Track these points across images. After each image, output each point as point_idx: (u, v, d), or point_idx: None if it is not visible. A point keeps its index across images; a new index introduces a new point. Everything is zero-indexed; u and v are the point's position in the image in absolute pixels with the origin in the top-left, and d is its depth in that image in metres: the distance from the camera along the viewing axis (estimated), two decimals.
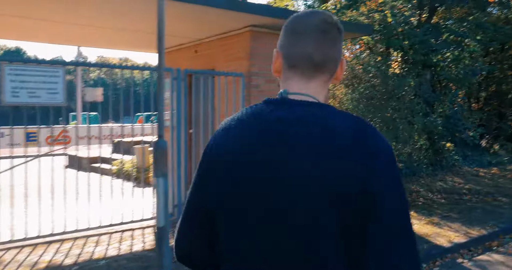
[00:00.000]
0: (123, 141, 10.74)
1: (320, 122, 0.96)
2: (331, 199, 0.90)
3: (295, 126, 0.97)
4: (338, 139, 0.93)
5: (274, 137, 0.98)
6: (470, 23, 11.82)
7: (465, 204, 7.35)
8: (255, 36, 6.76)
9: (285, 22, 1.18)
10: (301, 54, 1.07)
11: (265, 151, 0.98)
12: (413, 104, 10.20)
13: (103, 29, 6.80)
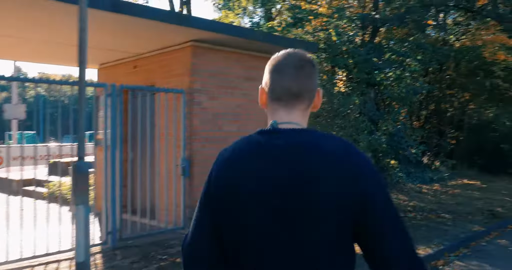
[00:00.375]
0: (61, 161, 10.00)
1: (315, 146, 1.15)
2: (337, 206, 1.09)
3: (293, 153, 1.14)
4: (330, 156, 1.13)
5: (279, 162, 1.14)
6: (411, 44, 12.19)
7: (410, 222, 7.30)
8: (196, 51, 6.46)
9: (268, 62, 1.36)
10: (282, 88, 1.25)
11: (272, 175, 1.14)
12: (358, 122, 10.25)
13: (23, 40, 6.26)
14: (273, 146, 1.17)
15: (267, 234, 1.13)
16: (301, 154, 1.13)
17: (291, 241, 1.11)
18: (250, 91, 7.26)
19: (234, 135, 7.00)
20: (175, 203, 6.45)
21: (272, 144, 1.17)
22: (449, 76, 16.01)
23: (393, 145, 10.87)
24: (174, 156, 6.43)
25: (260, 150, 1.18)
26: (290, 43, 7.17)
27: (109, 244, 5.79)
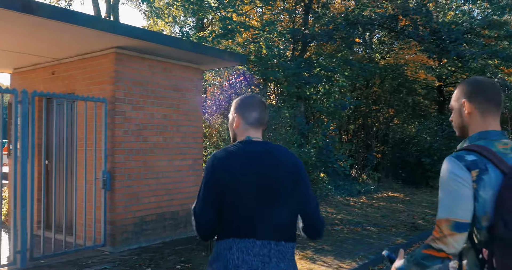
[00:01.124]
0: None
1: (274, 149, 2.05)
2: (296, 186, 2.01)
3: (268, 152, 2.03)
4: (284, 155, 2.05)
5: (264, 159, 2.01)
6: (339, 60, 12.57)
7: (338, 235, 7.38)
8: (120, 58, 6.15)
9: (238, 101, 2.17)
10: (254, 118, 2.11)
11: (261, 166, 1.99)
12: (288, 135, 10.33)
13: None
14: (252, 150, 2.04)
15: (253, 199, 1.97)
16: (268, 153, 2.04)
17: (267, 200, 1.97)
18: (177, 101, 7.04)
19: (160, 147, 6.73)
20: (94, 218, 6.03)
21: (251, 149, 2.05)
22: (375, 92, 16.74)
23: (322, 159, 11.07)
24: (94, 169, 6.03)
25: (245, 152, 2.03)
26: (219, 54, 7.08)
27: (17, 265, 5.26)
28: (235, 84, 12.39)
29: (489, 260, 1.61)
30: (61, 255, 5.70)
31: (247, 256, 1.95)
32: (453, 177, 1.67)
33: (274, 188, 1.98)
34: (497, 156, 1.66)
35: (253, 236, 1.97)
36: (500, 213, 1.57)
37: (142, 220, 6.40)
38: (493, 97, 1.77)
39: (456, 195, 1.65)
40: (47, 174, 7.09)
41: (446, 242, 1.65)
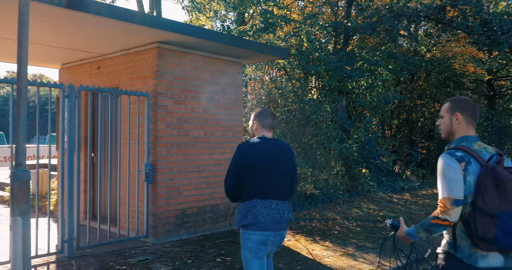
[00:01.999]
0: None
1: (281, 144, 3.31)
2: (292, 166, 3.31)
3: (277, 145, 3.27)
4: (287, 148, 3.33)
5: (274, 149, 3.22)
6: (382, 53, 12.23)
7: (380, 233, 7.21)
8: (162, 53, 6.23)
9: (257, 112, 3.39)
10: (268, 123, 3.32)
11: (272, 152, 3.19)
12: (330, 130, 10.17)
13: None
14: (266, 143, 3.21)
15: (268, 174, 3.11)
16: (276, 146, 3.24)
17: (276, 175, 3.15)
18: (218, 95, 7.06)
19: (201, 140, 6.78)
20: (137, 210, 6.16)
21: (266, 142, 3.22)
22: (420, 86, 16.20)
23: (364, 154, 10.84)
24: (137, 161, 6.16)
25: (262, 144, 3.19)
26: (260, 48, 7.03)
27: (65, 253, 5.46)
28: (275, 78, 12.32)
29: (472, 225, 2.31)
30: (106, 245, 5.86)
31: (269, 210, 3.13)
32: (449, 167, 2.35)
33: (281, 168, 3.21)
34: (476, 153, 2.39)
35: (270, 198, 3.14)
36: (480, 191, 2.28)
37: (183, 212, 6.49)
38: (475, 113, 2.56)
39: (453, 180, 2.33)
40: (93, 166, 7.31)
41: (449, 213, 2.31)
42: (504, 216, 2.26)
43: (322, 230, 7.29)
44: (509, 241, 2.25)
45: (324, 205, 9.38)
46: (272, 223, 3.10)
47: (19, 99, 2.67)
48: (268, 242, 3.14)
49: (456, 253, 2.39)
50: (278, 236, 3.18)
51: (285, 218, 3.18)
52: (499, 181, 2.28)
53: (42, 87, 5.17)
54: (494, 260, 2.33)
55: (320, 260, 5.50)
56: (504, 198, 2.28)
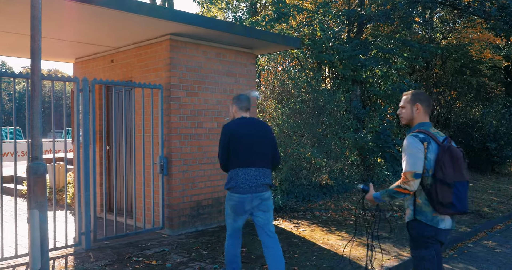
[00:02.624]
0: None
1: (257, 121, 4.10)
2: (270, 138, 4.05)
3: (254, 122, 4.06)
4: (263, 124, 4.11)
5: (252, 125, 4.01)
6: (397, 40, 12.03)
7: (396, 222, 7.15)
8: (174, 45, 6.21)
9: (235, 97, 4.19)
10: (245, 106, 4.14)
11: (251, 129, 3.98)
12: (344, 120, 10.08)
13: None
14: (246, 122, 4.02)
15: (248, 146, 3.90)
16: (255, 123, 4.04)
17: (256, 146, 3.92)
18: (231, 87, 7.04)
19: (215, 132, 6.77)
20: (153, 202, 6.21)
21: (246, 121, 4.03)
22: (436, 74, 15.94)
23: (379, 143, 10.73)
24: (152, 154, 6.19)
25: (242, 123, 3.99)
26: (272, 38, 6.96)
27: (82, 245, 5.54)
28: (289, 68, 12.24)
29: (433, 194, 2.91)
30: (122, 237, 5.92)
31: (248, 176, 3.88)
32: (414, 147, 2.95)
33: (259, 140, 3.96)
34: (434, 135, 3.00)
35: (250, 166, 3.90)
36: (439, 165, 2.88)
37: (199, 204, 6.51)
38: (430, 104, 3.20)
39: (416, 157, 2.92)
40: (108, 159, 7.37)
41: (410, 184, 2.92)
42: (458, 185, 2.87)
43: (338, 221, 7.26)
44: (462, 206, 2.88)
45: (339, 195, 9.33)
46: (249, 187, 3.86)
47: (33, 92, 2.68)
48: (245, 203, 3.88)
49: (421, 218, 2.99)
50: (257, 198, 3.89)
51: (261, 182, 3.90)
52: (454, 157, 2.89)
53: (57, 81, 5.19)
54: (448, 223, 2.98)
55: (336, 250, 5.48)
56: (458, 170, 2.89)
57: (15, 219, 4.95)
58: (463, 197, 2.89)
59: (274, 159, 4.09)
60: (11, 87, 62.59)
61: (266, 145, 3.98)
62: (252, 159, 3.88)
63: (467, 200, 2.92)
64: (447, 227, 2.97)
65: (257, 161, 3.90)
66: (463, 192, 2.89)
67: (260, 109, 9.76)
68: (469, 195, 10.04)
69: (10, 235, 6.03)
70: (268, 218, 3.99)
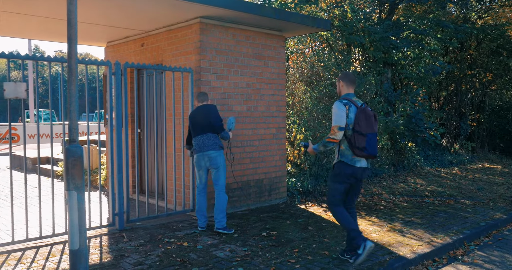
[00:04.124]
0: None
1: (207, 106, 5.58)
2: (208, 117, 5.49)
3: (203, 108, 5.56)
4: (208, 107, 5.57)
5: (200, 110, 5.56)
6: (430, 21, 11.64)
7: (428, 208, 7.03)
8: (205, 28, 6.19)
9: (196, 94, 5.99)
10: (201, 99, 5.73)
11: (198, 112, 5.55)
12: (375, 103, 9.90)
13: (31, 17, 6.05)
14: (198, 108, 5.58)
15: (198, 124, 5.50)
16: (204, 108, 5.52)
17: (204, 123, 5.46)
18: (261, 70, 6.99)
19: (245, 115, 6.77)
20: (183, 184, 6.28)
21: (198, 107, 5.59)
22: (471, 56, 15.39)
23: (411, 127, 10.51)
24: (182, 137, 6.24)
25: (197, 109, 5.58)
26: (302, 20, 6.84)
27: (116, 226, 5.68)
28: (318, 51, 12.05)
29: (352, 141, 4.10)
30: (154, 218, 6.04)
31: (198, 142, 5.48)
32: (338, 108, 4.12)
33: (200, 119, 5.46)
34: (354, 101, 4.20)
35: (197, 135, 5.49)
36: (357, 121, 4.07)
37: (228, 187, 6.56)
38: (352, 79, 4.37)
39: (339, 115, 4.10)
40: (140, 142, 7.48)
41: (336, 135, 4.11)
42: (369, 135, 4.08)
43: (368, 205, 7.20)
44: (372, 150, 4.10)
45: (369, 180, 9.24)
46: (199, 148, 5.48)
47: (70, 77, 2.72)
48: (200, 160, 5.50)
49: (343, 159, 4.19)
50: (205, 156, 5.44)
51: (206, 144, 5.43)
52: (367, 115, 4.11)
53: (90, 65, 5.27)
54: (364, 163, 4.22)
55: (367, 235, 5.44)
56: (369, 125, 4.10)
57: (52, 200, 5.11)
58: (373, 144, 4.08)
59: (212, 127, 5.53)
60: (44, 71, 64.18)
61: (206, 120, 5.52)
62: (198, 131, 5.57)
63: (376, 147, 4.12)
64: (363, 165, 4.20)
65: (200, 131, 5.59)
66: (373, 140, 4.08)
67: (289, 92, 9.67)
68: (504, 181, 9.80)
69: (48, 214, 6.23)
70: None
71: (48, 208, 6.48)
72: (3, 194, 8.01)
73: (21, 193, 8.01)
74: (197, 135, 5.48)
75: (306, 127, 8.36)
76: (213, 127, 5.44)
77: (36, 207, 6.28)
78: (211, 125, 5.44)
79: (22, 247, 4.89)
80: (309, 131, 8.32)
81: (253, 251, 4.74)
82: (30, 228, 5.51)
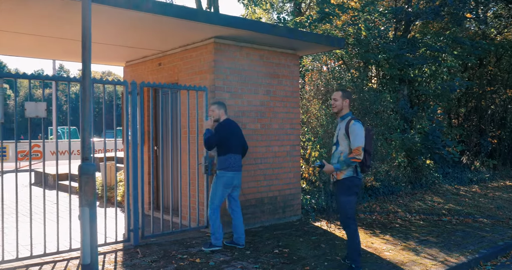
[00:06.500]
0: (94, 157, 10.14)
1: (235, 123, 5.78)
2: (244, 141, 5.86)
3: (234, 122, 5.77)
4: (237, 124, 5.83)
5: (233, 124, 5.71)
6: (447, 38, 11.62)
7: (445, 226, 6.93)
8: (219, 48, 6.34)
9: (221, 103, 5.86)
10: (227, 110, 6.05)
11: (233, 128, 5.64)
12: (391, 120, 9.87)
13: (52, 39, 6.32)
14: (234, 123, 5.72)
15: (238, 141, 5.66)
16: (239, 127, 5.75)
17: (242, 143, 5.75)
18: (274, 88, 7.09)
19: (259, 133, 6.85)
20: (198, 201, 6.36)
21: (234, 123, 5.72)
22: (490, 72, 15.23)
23: (428, 144, 10.40)
24: (196, 154, 6.34)
25: (233, 123, 5.69)
26: (316, 39, 6.95)
27: (131, 242, 5.78)
28: (333, 68, 12.12)
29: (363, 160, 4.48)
30: (168, 234, 6.12)
31: (237, 160, 5.55)
32: (360, 129, 4.41)
33: (240, 136, 5.69)
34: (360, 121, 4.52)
35: (236, 152, 5.57)
36: (366, 143, 4.49)
37: (242, 204, 6.60)
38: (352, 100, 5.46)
39: (362, 136, 4.39)
40: (155, 159, 7.62)
41: (361, 154, 4.38)
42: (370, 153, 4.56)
43: (383, 223, 7.13)
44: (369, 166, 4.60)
45: (385, 198, 9.16)
46: (238, 167, 5.61)
47: (84, 97, 2.85)
48: (236, 178, 5.60)
49: (358, 176, 4.53)
50: (240, 175, 5.69)
51: (240, 163, 5.65)
52: (370, 135, 4.55)
53: (108, 84, 5.45)
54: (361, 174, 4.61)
55: (380, 253, 5.39)
56: (371, 144, 4.55)
57: (69, 215, 5.24)
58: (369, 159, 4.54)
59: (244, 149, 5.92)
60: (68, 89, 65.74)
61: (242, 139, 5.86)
62: (236, 149, 5.68)
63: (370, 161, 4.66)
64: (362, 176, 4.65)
65: (240, 151, 5.79)
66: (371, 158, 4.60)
67: (304, 110, 9.74)
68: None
69: (65, 230, 6.38)
70: None
71: (65, 224, 6.63)
72: (24, 210, 8.22)
73: (41, 209, 8.21)
74: (236, 153, 5.53)
75: (321, 144, 8.38)
76: (245, 149, 5.85)
77: (54, 222, 6.43)
78: (245, 146, 5.83)
79: (40, 261, 5.02)
80: (324, 148, 8.34)
81: (265, 268, 4.76)
82: (48, 243, 5.64)
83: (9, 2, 4.49)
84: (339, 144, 4.59)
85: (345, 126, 4.50)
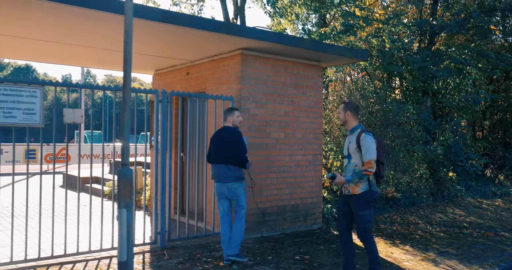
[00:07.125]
0: (118, 161, 10.48)
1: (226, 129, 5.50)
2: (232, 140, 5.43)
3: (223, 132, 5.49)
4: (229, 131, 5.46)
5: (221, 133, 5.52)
6: (472, 50, 11.61)
7: (465, 239, 6.96)
8: (245, 59, 6.58)
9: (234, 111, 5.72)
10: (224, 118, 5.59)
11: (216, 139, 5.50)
12: (413, 132, 9.92)
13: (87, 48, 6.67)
14: (222, 130, 5.52)
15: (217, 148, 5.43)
16: (225, 131, 5.45)
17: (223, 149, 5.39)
18: (298, 99, 7.28)
19: (282, 142, 7.03)
20: None
21: (222, 129, 5.53)
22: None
23: (451, 157, 10.39)
24: None
25: (219, 131, 5.54)
26: (339, 51, 7.13)
27: (158, 244, 6.02)
28: (357, 79, 12.24)
29: (377, 171, 4.45)
30: (193, 238, 6.34)
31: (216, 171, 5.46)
32: (372, 142, 4.40)
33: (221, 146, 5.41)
34: (372, 132, 4.57)
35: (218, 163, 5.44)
36: (379, 153, 4.44)
37: (264, 211, 6.78)
38: (358, 110, 4.67)
39: (374, 149, 4.39)
40: (182, 165, 7.87)
41: (373, 167, 4.37)
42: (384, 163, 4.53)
43: (403, 234, 7.20)
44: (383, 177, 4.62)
45: (406, 209, 9.20)
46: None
47: (124, 106, 3.10)
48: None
49: (373, 189, 4.51)
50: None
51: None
52: (382, 146, 4.53)
53: (139, 93, 5.74)
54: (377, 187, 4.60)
55: (399, 263, 5.49)
56: (383, 155, 4.51)
57: (101, 218, 5.52)
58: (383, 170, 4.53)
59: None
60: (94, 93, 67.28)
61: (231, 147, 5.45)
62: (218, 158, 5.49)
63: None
64: (377, 190, 4.62)
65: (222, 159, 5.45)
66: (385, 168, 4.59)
67: (327, 120, 9.88)
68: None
69: (96, 231, 6.66)
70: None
71: (96, 225, 6.91)
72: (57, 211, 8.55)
73: (72, 211, 8.55)
74: (216, 162, 5.54)
75: (343, 154, 8.50)
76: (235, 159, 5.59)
77: (86, 224, 6.72)
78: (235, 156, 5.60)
79: (72, 260, 5.30)
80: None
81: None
82: (80, 243, 5.93)
83: (39, 10, 4.83)
84: (351, 157, 4.56)
85: (356, 139, 4.49)
